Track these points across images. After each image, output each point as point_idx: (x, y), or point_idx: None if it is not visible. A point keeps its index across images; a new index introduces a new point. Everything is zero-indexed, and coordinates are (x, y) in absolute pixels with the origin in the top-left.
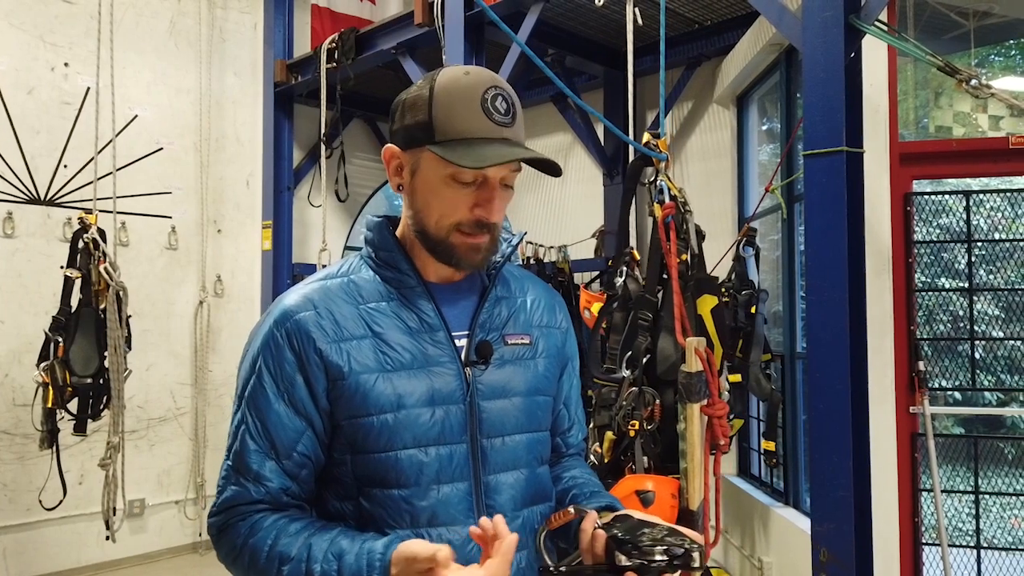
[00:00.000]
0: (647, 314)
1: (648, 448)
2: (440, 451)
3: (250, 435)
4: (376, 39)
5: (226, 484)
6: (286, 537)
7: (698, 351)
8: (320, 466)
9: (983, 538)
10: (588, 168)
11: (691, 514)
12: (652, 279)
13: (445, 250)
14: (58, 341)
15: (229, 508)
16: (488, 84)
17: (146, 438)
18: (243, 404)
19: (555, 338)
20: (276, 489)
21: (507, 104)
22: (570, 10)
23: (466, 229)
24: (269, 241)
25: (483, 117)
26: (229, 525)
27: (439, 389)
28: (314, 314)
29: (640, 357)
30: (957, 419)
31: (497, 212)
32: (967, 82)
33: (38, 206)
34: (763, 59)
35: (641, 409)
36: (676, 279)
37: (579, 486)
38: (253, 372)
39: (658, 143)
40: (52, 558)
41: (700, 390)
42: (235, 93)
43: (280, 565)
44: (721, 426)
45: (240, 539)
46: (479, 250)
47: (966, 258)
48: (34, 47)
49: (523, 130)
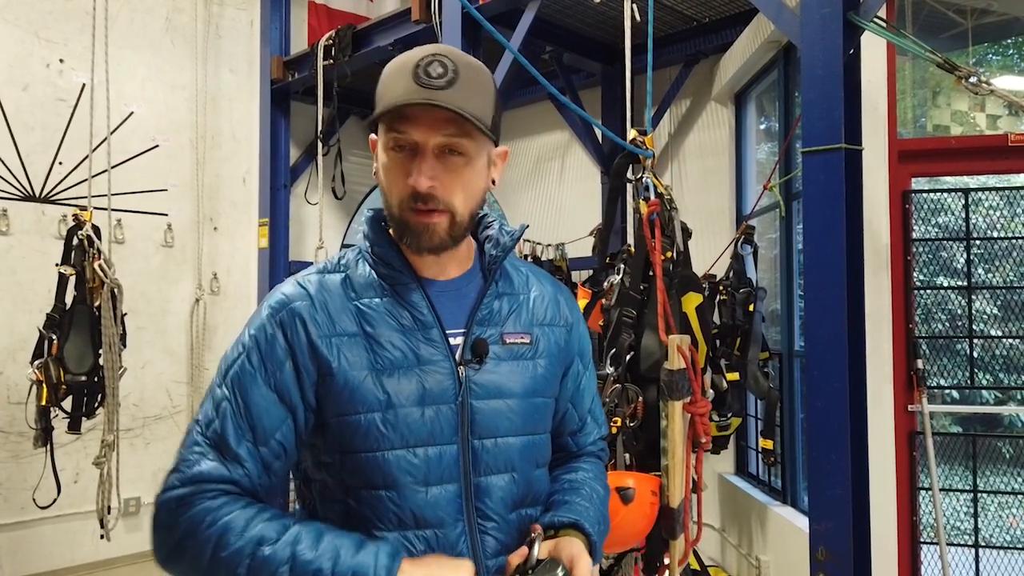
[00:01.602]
0: (631, 311)
1: (630, 445)
2: (429, 452)
3: (231, 415)
4: (373, 36)
5: (200, 457)
6: (265, 521)
7: (680, 349)
8: (291, 465)
9: (981, 537)
10: (586, 166)
11: (671, 511)
12: (636, 276)
13: (401, 230)
14: (52, 339)
15: (200, 482)
16: (428, 53)
17: (141, 436)
18: (227, 382)
19: (558, 335)
20: (251, 473)
21: (443, 68)
22: (568, 7)
23: (410, 204)
24: (265, 239)
25: (411, 82)
26: (194, 500)
27: (430, 389)
28: (309, 305)
29: (623, 354)
30: (955, 418)
31: (426, 181)
32: (966, 79)
33: (33, 203)
34: (761, 56)
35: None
36: (660, 276)
37: (560, 491)
38: (243, 353)
39: (644, 140)
40: (46, 557)
41: (682, 388)
42: (231, 90)
43: (259, 545)
44: (703, 424)
45: (210, 516)
46: (429, 229)
47: (964, 256)
48: (28, 43)
49: (476, 98)
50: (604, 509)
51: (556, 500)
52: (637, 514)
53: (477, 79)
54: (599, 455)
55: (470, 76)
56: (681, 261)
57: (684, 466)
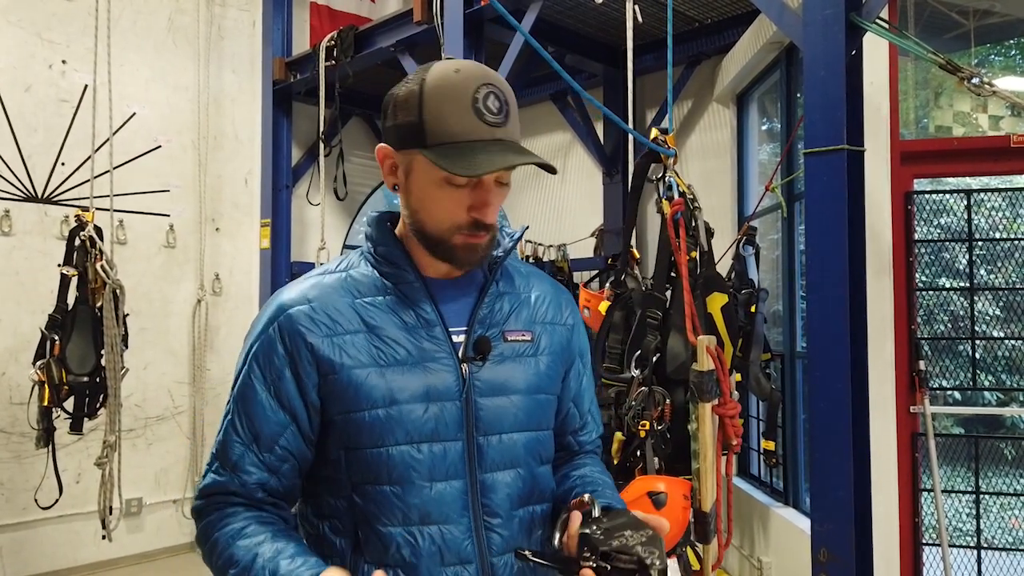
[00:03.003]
0: (656, 312)
1: (658, 449)
2: (434, 448)
3: (234, 427)
4: (375, 37)
5: (208, 471)
6: (243, 539)
7: (709, 349)
8: (305, 463)
9: (983, 538)
10: (587, 167)
11: (704, 515)
12: (661, 277)
13: (445, 250)
14: (54, 339)
15: (209, 495)
16: (480, 81)
17: (143, 437)
18: (234, 396)
19: (560, 335)
20: (253, 483)
21: (499, 102)
22: (570, 8)
23: (465, 230)
24: (267, 239)
25: (474, 118)
26: (205, 512)
27: (434, 385)
28: (308, 308)
29: (650, 356)
30: (957, 419)
31: (493, 213)
32: (969, 80)
33: (35, 204)
34: (763, 57)
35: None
36: (686, 277)
37: (586, 484)
38: (244, 365)
39: (666, 139)
40: (48, 557)
41: (712, 389)
42: (233, 91)
43: (229, 568)
44: (734, 426)
45: (212, 529)
46: (477, 249)
47: (966, 257)
48: (31, 44)
49: (518, 126)
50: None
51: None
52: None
53: (513, 102)
54: (597, 452)
55: (511, 101)
56: (705, 261)
57: (715, 469)
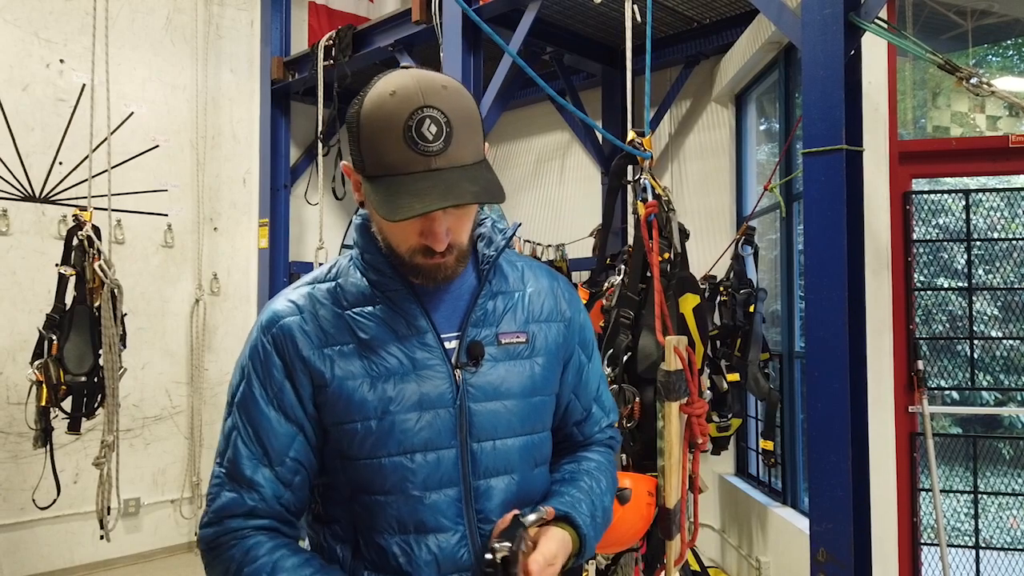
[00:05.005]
0: (628, 312)
1: (627, 446)
2: (427, 457)
3: (243, 441)
4: (373, 36)
5: (219, 490)
6: (282, 573)
7: (677, 349)
8: (314, 474)
9: (981, 538)
10: (586, 167)
11: (667, 512)
12: (634, 277)
13: (410, 268)
14: (52, 339)
15: (223, 518)
16: (415, 105)
17: (141, 437)
18: (234, 410)
19: (556, 331)
20: (270, 496)
21: (438, 125)
22: (568, 8)
23: (421, 253)
24: (266, 239)
25: (407, 149)
26: (221, 544)
27: (427, 393)
28: (299, 319)
29: (621, 355)
30: (955, 419)
31: (442, 240)
32: (967, 80)
33: (33, 203)
34: (762, 57)
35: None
36: (658, 277)
37: (558, 482)
38: (243, 378)
39: (643, 141)
40: (46, 557)
41: (679, 388)
42: (231, 90)
43: None
44: (700, 425)
45: (234, 565)
46: (444, 268)
47: (965, 257)
48: (28, 43)
49: (473, 142)
50: (604, 501)
51: (552, 491)
52: (634, 515)
53: (464, 116)
54: (608, 443)
55: (457, 117)
56: (679, 262)
57: (681, 467)
